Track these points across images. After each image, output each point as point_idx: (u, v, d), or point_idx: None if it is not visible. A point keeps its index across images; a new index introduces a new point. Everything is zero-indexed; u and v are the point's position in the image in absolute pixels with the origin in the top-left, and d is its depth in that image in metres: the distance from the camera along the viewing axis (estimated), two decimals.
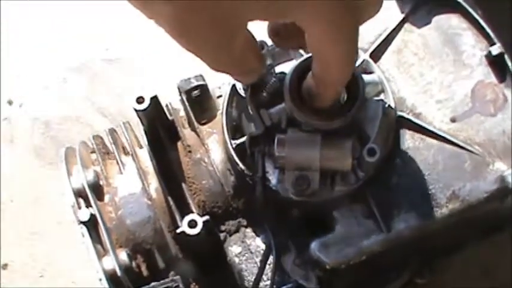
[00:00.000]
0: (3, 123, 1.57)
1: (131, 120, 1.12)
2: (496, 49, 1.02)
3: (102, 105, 1.57)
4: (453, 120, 1.01)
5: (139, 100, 1.00)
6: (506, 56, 1.02)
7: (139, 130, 1.08)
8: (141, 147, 1.11)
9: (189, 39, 0.75)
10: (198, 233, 0.93)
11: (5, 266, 1.45)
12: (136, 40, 1.60)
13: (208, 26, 0.72)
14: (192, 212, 0.98)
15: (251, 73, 0.87)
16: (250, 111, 0.96)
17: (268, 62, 0.96)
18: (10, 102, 1.57)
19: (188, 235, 0.93)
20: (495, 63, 1.02)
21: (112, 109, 1.55)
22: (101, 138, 1.12)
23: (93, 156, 1.11)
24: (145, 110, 1.00)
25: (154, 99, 1.01)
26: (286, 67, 0.97)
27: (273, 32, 0.87)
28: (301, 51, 1.00)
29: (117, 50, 1.62)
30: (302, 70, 0.92)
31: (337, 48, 0.77)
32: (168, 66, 1.52)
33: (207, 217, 0.94)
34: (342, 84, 0.86)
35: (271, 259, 0.96)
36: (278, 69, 0.98)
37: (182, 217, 0.96)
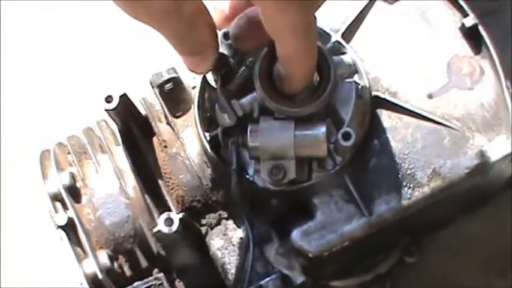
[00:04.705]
0: None
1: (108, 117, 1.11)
2: (469, 21, 1.00)
3: None
4: (430, 97, 0.99)
5: (108, 99, 0.98)
6: (480, 27, 1.00)
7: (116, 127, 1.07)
8: (118, 144, 1.09)
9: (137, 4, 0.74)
10: (175, 231, 0.92)
11: None
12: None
13: None
14: (170, 209, 0.96)
15: (204, 52, 0.85)
16: (221, 102, 0.94)
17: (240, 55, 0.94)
18: None
19: (165, 234, 0.92)
20: (469, 35, 1.00)
21: None
22: (78, 138, 1.10)
23: (70, 157, 1.09)
24: (115, 109, 0.98)
25: (124, 97, 0.99)
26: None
27: (235, 36, 0.89)
28: None
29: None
30: (271, 57, 0.91)
31: (288, 19, 0.77)
32: (143, 62, 1.50)
33: (183, 214, 0.92)
34: (306, 62, 0.85)
35: None
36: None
37: (160, 214, 0.95)
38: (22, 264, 1.45)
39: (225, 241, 0.99)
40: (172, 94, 1.06)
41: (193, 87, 1.07)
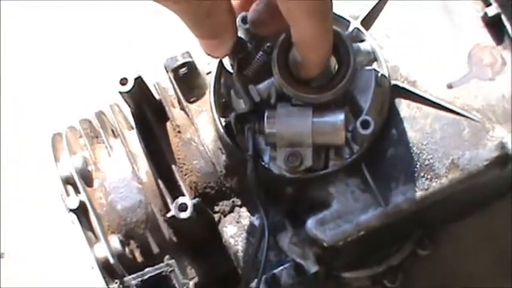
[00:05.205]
0: None
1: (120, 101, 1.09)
2: (492, 10, 0.98)
3: None
4: (450, 87, 0.97)
5: (123, 82, 0.96)
6: (503, 17, 0.98)
7: (129, 111, 1.05)
8: (131, 128, 1.08)
9: None
10: (189, 217, 0.90)
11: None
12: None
13: None
14: (183, 195, 0.95)
15: (222, 36, 0.84)
16: (238, 87, 0.93)
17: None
18: None
19: (179, 219, 0.90)
20: (492, 24, 0.98)
21: None
22: (89, 121, 1.09)
23: (82, 140, 1.08)
24: (129, 91, 0.97)
25: (139, 80, 0.97)
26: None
27: (253, 21, 0.87)
28: None
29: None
30: (290, 43, 0.89)
31: (305, 2, 0.76)
32: (157, 44, 1.48)
33: (197, 199, 0.91)
34: (321, 47, 0.83)
35: None
36: None
37: (173, 200, 0.94)
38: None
39: (238, 228, 0.98)
40: (187, 79, 1.04)
41: (208, 73, 1.06)
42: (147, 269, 0.95)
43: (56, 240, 1.42)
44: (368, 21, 1.00)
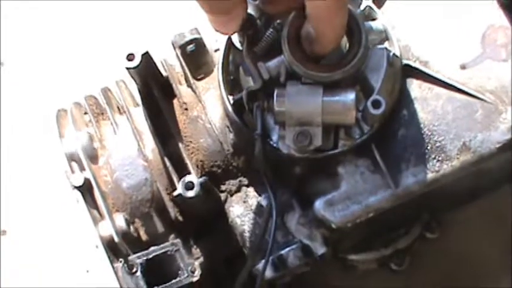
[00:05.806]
0: None
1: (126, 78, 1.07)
2: None
3: None
4: (463, 68, 0.95)
5: (130, 57, 0.95)
6: None
7: (135, 88, 1.04)
8: (137, 105, 1.06)
9: None
10: (196, 195, 0.89)
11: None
12: None
13: None
14: (190, 173, 0.93)
15: (232, 12, 0.82)
16: (247, 64, 0.91)
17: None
18: None
19: (185, 197, 0.89)
20: (506, 5, 0.96)
21: None
22: (95, 98, 1.07)
23: (87, 117, 1.06)
24: (136, 67, 0.95)
25: (146, 56, 0.96)
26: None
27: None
28: None
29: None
30: (300, 21, 0.87)
31: None
32: (164, 21, 1.47)
33: (204, 178, 0.89)
34: (337, 21, 0.82)
35: None
36: None
37: (180, 178, 0.92)
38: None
39: (245, 208, 0.97)
40: (194, 56, 1.03)
41: (216, 50, 1.04)
42: (152, 248, 0.94)
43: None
44: None
